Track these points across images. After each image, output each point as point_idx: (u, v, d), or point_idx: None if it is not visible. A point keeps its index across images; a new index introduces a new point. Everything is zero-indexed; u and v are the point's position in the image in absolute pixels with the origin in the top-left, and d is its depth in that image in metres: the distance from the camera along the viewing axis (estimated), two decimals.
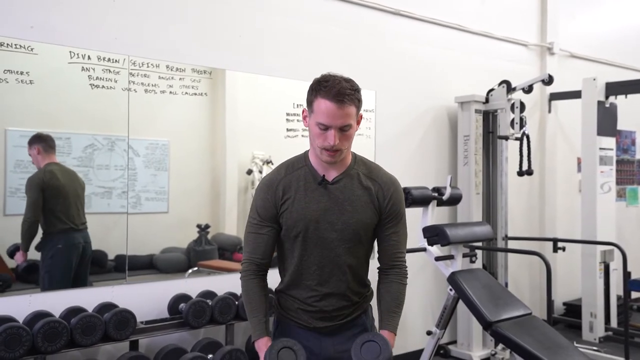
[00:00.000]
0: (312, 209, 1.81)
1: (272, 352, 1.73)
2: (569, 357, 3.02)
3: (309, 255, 1.84)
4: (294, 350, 1.74)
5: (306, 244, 1.83)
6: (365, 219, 1.84)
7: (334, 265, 1.84)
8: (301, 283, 1.87)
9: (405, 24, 4.58)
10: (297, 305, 1.89)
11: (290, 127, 3.87)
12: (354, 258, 1.87)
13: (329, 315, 1.87)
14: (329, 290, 1.85)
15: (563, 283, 5.78)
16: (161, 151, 3.44)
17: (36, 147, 2.98)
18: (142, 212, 3.36)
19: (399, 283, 1.90)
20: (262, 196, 1.86)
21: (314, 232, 1.82)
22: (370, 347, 1.74)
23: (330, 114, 1.72)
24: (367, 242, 1.89)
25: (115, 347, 3.01)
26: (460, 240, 3.59)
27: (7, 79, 2.84)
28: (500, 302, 3.38)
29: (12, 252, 2.96)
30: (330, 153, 1.77)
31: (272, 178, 1.87)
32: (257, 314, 1.84)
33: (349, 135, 1.79)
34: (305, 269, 1.85)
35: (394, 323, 1.85)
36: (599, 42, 6.32)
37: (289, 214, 1.82)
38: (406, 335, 4.48)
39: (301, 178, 1.84)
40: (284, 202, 1.83)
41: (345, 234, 1.83)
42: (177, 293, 3.29)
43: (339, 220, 1.82)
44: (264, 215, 1.85)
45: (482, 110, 4.73)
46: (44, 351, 2.59)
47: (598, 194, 5.07)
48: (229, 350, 3.07)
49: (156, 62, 3.32)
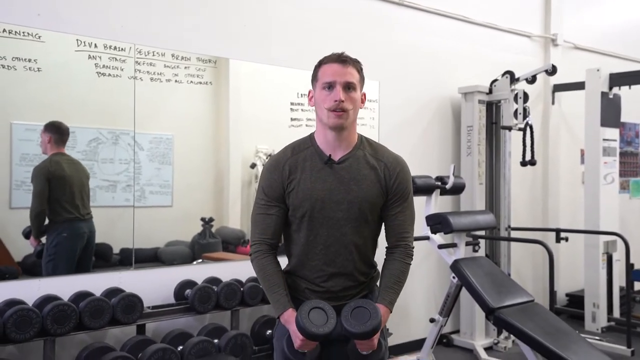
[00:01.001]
0: (318, 188, 1.84)
1: (302, 315, 1.73)
2: (572, 343, 3.05)
3: (315, 235, 1.86)
4: (323, 310, 1.76)
5: (312, 224, 1.85)
6: (371, 198, 1.86)
7: (340, 244, 1.86)
8: (308, 263, 1.89)
9: (410, 15, 4.60)
10: (304, 286, 1.91)
11: (295, 116, 3.90)
12: (360, 237, 1.89)
13: (335, 296, 1.89)
14: (335, 270, 1.87)
15: (566, 274, 5.81)
16: (165, 145, 3.47)
17: (49, 136, 3.02)
18: (147, 206, 3.39)
19: (402, 262, 1.93)
20: (268, 176, 1.88)
21: (320, 212, 1.84)
22: (360, 312, 1.75)
23: (335, 71, 1.81)
24: (373, 221, 1.91)
25: (123, 331, 3.06)
26: (463, 228, 3.62)
27: (16, 66, 2.88)
28: (503, 289, 3.41)
29: (27, 234, 3.02)
30: (337, 113, 1.79)
31: (278, 158, 1.90)
32: (276, 289, 1.85)
33: (353, 98, 1.82)
34: (311, 249, 1.87)
35: (390, 298, 1.88)
36: (603, 33, 6.31)
37: (295, 193, 1.85)
38: (410, 324, 4.52)
39: (307, 158, 1.87)
40: (290, 182, 1.85)
41: (351, 213, 1.85)
42: (183, 279, 3.34)
43: (345, 199, 1.84)
44: (271, 195, 1.87)
45: (485, 101, 4.75)
46: (53, 333, 2.64)
47: (601, 184, 5.08)
48: (234, 335, 3.11)
49: (162, 51, 3.35)
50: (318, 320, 1.74)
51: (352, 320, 1.75)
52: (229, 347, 3.06)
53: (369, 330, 1.73)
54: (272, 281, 1.86)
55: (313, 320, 1.73)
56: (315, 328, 1.72)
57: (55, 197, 3.08)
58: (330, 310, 1.77)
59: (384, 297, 1.87)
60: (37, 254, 3.02)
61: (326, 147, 1.87)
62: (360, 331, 1.73)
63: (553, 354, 2.89)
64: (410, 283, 4.56)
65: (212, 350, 3.00)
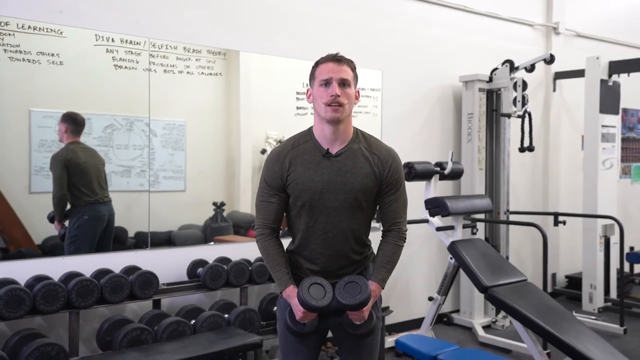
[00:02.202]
0: (317, 180, 2.01)
1: (303, 290, 1.96)
2: (562, 320, 3.20)
3: (315, 222, 2.05)
4: (321, 285, 1.98)
5: (312, 213, 2.04)
6: (365, 188, 2.04)
7: (337, 230, 2.05)
8: (308, 246, 2.08)
9: (412, 5, 4.74)
10: (306, 265, 2.11)
11: (300, 105, 4.08)
12: (356, 223, 2.07)
13: (334, 274, 2.08)
14: (333, 252, 2.07)
15: (566, 257, 5.97)
16: (178, 131, 3.62)
17: (65, 126, 3.21)
18: (161, 191, 3.54)
19: (394, 244, 2.11)
20: (270, 167, 2.07)
21: (318, 202, 2.02)
22: (352, 287, 1.97)
23: (330, 69, 1.98)
24: (367, 208, 2.09)
25: (140, 306, 3.29)
26: (460, 211, 3.80)
27: (40, 60, 3.09)
28: (497, 269, 3.58)
29: (52, 219, 3.22)
30: (334, 107, 1.96)
31: (280, 151, 2.08)
32: (279, 267, 2.06)
33: (348, 94, 2.00)
34: (311, 234, 2.06)
35: (381, 276, 2.08)
36: (606, 21, 6.38)
37: (295, 185, 2.03)
38: (411, 303, 4.72)
39: (307, 151, 2.04)
40: (289, 174, 2.03)
41: (348, 202, 2.03)
42: (196, 259, 3.55)
43: (342, 190, 2.02)
44: (272, 184, 2.06)
45: (485, 89, 4.90)
46: (77, 306, 2.87)
47: (599, 170, 5.22)
48: (243, 310, 3.33)
49: (174, 44, 3.54)
50: (317, 294, 1.96)
51: (345, 293, 1.96)
52: (238, 321, 3.28)
53: (359, 303, 1.95)
54: (275, 261, 2.07)
55: (312, 295, 1.96)
56: (314, 301, 1.95)
57: (74, 182, 3.25)
58: (328, 286, 1.99)
59: (376, 275, 2.08)
60: (61, 237, 3.23)
61: (324, 140, 2.04)
62: (351, 303, 1.95)
63: (543, 330, 3.05)
64: (411, 264, 4.80)
65: (223, 323, 3.23)
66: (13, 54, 3.01)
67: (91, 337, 3.13)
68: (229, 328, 3.22)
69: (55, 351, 2.67)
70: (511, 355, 4.16)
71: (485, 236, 4.96)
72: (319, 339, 2.14)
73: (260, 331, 3.36)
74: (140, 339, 2.93)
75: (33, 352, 2.62)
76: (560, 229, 5.20)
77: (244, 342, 3.04)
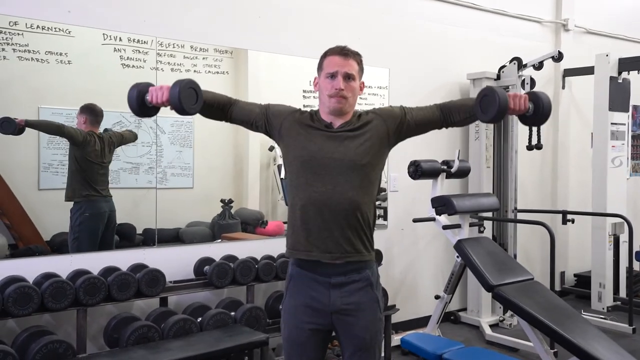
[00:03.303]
0: (314, 142, 2.05)
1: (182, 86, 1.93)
2: (567, 319, 3.19)
3: (312, 184, 2.02)
4: (196, 91, 1.99)
5: (311, 172, 2.02)
6: (366, 150, 2.04)
7: (337, 192, 2.00)
8: (308, 222, 2.02)
9: (419, 3, 4.73)
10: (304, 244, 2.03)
11: (307, 103, 4.09)
12: (354, 189, 2.02)
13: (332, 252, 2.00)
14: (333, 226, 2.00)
15: (575, 255, 5.94)
16: (186, 128, 3.65)
17: (85, 117, 3.27)
18: (169, 188, 3.57)
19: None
20: (281, 107, 2.16)
21: (318, 161, 2.02)
22: (485, 101, 1.94)
23: (337, 63, 2.05)
24: (366, 173, 2.04)
25: (147, 303, 3.31)
26: (466, 209, 3.78)
27: (49, 59, 3.12)
28: (504, 267, 3.57)
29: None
30: (338, 98, 2.03)
31: (292, 109, 2.17)
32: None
33: (352, 87, 2.07)
34: (309, 198, 2.02)
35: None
36: (615, 17, 6.32)
37: (294, 145, 2.07)
38: (418, 301, 4.72)
39: (309, 120, 2.11)
40: (288, 132, 2.09)
41: (344, 162, 2.01)
42: (202, 257, 3.56)
43: (337, 150, 2.03)
44: (270, 112, 2.13)
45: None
46: (85, 304, 2.90)
47: (609, 167, 5.18)
48: (249, 308, 3.35)
49: (181, 43, 3.56)
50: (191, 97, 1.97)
51: (485, 105, 1.94)
52: (244, 319, 3.29)
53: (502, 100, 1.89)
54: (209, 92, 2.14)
55: (186, 96, 1.94)
56: (186, 101, 1.94)
57: (82, 174, 3.29)
58: (201, 95, 2.02)
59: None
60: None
61: (327, 119, 2.10)
62: (498, 105, 1.89)
63: (550, 329, 3.03)
64: (418, 262, 4.79)
65: (229, 321, 3.24)
66: (22, 53, 3.05)
67: (98, 335, 3.16)
68: (236, 326, 3.24)
69: (63, 348, 2.70)
70: (518, 354, 4.15)
71: (493, 234, 4.95)
72: (324, 341, 2.14)
73: (266, 329, 3.37)
74: (147, 337, 2.95)
75: (41, 349, 2.64)
76: (569, 227, 5.16)
77: (250, 340, 3.05)
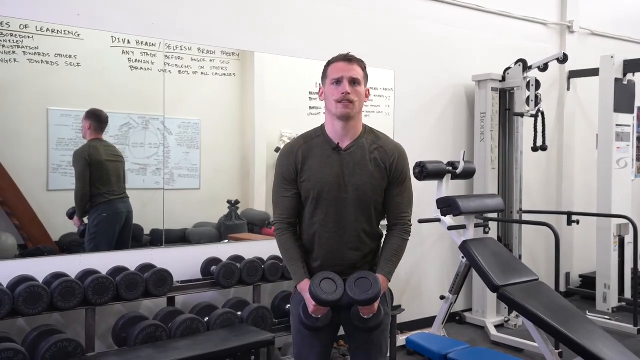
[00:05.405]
0: (327, 173, 2.08)
1: (314, 284, 2.01)
2: (572, 319, 3.20)
3: (325, 215, 2.10)
4: (333, 280, 2.03)
5: (322, 206, 2.09)
6: (373, 181, 2.10)
7: (347, 222, 2.10)
8: (319, 241, 2.12)
9: (425, 5, 4.75)
10: (314, 263, 2.14)
11: (313, 105, 4.12)
12: (365, 217, 2.11)
13: (342, 268, 2.11)
14: (344, 245, 2.10)
15: (580, 256, 5.94)
16: (193, 130, 3.67)
17: (89, 123, 3.29)
18: (176, 189, 3.59)
19: (400, 237, 2.17)
20: (284, 162, 2.14)
21: (329, 194, 2.08)
22: (363, 283, 2.02)
23: (341, 69, 2.07)
24: (375, 202, 2.13)
25: (154, 303, 3.34)
26: (471, 210, 3.80)
27: (58, 62, 3.15)
28: (509, 268, 3.58)
29: (71, 215, 3.28)
30: (344, 104, 2.04)
31: (292, 145, 2.16)
32: (295, 261, 2.12)
33: (358, 92, 2.08)
34: (322, 228, 2.10)
35: (388, 269, 2.12)
36: (621, 18, 6.32)
37: (307, 177, 2.09)
38: (423, 302, 4.74)
39: (318, 146, 2.12)
40: (303, 166, 2.10)
41: (357, 195, 2.08)
42: (209, 257, 3.59)
43: (350, 182, 2.08)
44: (288, 178, 2.12)
45: (498, 89, 4.89)
46: (94, 303, 2.93)
47: (614, 169, 5.19)
48: (256, 308, 3.38)
49: (189, 45, 3.59)
50: (328, 289, 2.01)
51: (356, 289, 2.01)
52: (251, 319, 3.32)
53: (370, 298, 2.00)
54: (292, 255, 2.13)
55: (324, 289, 2.01)
56: (325, 295, 2.00)
57: (94, 179, 3.31)
58: (339, 281, 2.03)
59: (383, 268, 2.12)
60: (81, 233, 3.29)
61: (335, 136, 2.12)
62: (363, 298, 1.99)
63: (554, 329, 3.04)
64: (423, 263, 4.81)
65: (236, 321, 3.27)
66: (32, 55, 3.08)
67: (107, 334, 3.19)
68: (242, 325, 3.26)
69: (72, 347, 2.73)
70: (523, 355, 4.16)
71: (498, 235, 4.96)
72: (332, 334, 2.19)
73: (272, 329, 3.40)
74: (155, 336, 2.98)
75: (51, 348, 2.68)
76: (574, 228, 5.17)
77: (257, 340, 3.08)
